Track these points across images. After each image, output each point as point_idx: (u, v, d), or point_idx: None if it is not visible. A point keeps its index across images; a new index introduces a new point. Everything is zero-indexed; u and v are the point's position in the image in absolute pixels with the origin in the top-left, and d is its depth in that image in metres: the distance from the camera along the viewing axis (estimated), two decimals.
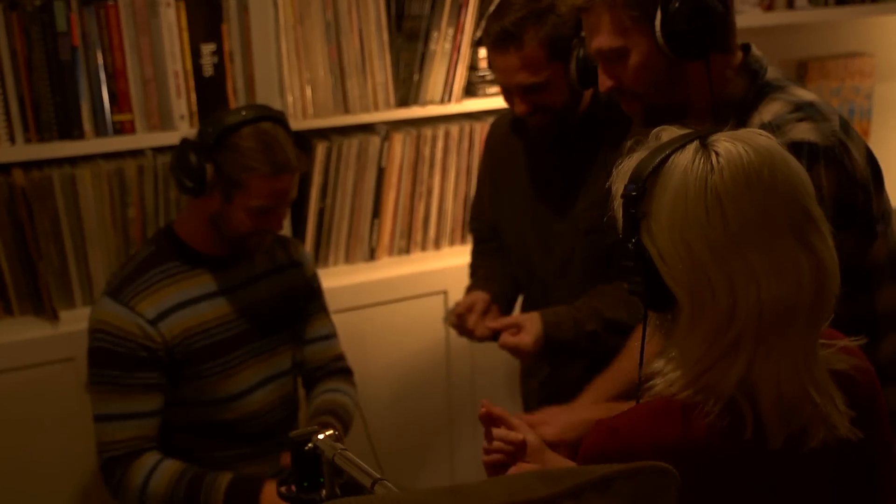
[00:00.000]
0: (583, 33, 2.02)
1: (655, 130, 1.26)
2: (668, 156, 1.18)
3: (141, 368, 2.02)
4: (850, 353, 1.25)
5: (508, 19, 1.99)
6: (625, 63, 1.64)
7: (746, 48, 1.71)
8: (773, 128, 1.55)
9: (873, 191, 1.61)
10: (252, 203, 2.01)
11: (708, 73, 1.61)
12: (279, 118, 2.08)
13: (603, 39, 1.64)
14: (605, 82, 1.70)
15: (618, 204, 1.23)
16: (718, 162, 1.15)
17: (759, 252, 1.14)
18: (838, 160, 1.55)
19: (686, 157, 1.17)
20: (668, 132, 1.24)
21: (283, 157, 2.01)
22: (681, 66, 1.63)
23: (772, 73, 1.68)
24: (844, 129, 1.60)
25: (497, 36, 2.01)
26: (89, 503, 2.47)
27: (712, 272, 1.14)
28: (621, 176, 1.24)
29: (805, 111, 1.59)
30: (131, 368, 2.02)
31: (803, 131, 1.55)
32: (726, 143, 1.17)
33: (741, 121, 1.61)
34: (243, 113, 2.03)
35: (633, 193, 1.19)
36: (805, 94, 1.64)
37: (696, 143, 1.18)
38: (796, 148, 1.51)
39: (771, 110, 1.61)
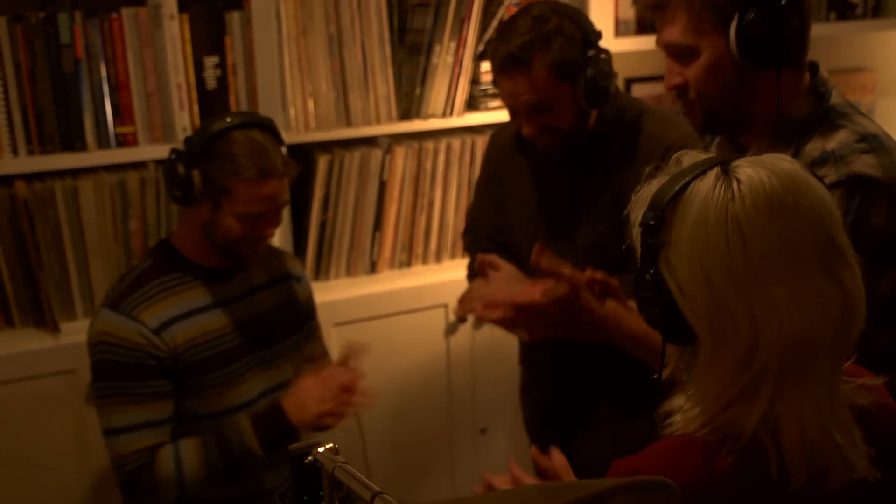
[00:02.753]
0: (591, 52, 2.02)
1: (676, 155, 1.22)
2: (688, 183, 1.14)
3: (152, 377, 2.01)
4: (871, 389, 1.21)
5: (515, 43, 1.97)
6: (693, 62, 1.63)
7: (814, 68, 1.69)
8: (836, 157, 1.55)
9: None
10: (240, 209, 2.00)
11: (777, 87, 1.59)
12: (266, 124, 2.06)
13: (675, 34, 1.62)
14: (670, 79, 1.68)
15: (636, 232, 1.18)
16: (740, 189, 1.11)
17: (782, 283, 1.10)
18: (895, 197, 1.52)
19: (706, 185, 1.13)
20: (690, 157, 1.20)
21: (268, 162, 1.99)
22: (749, 76, 1.61)
23: (836, 98, 1.66)
24: None
25: (504, 60, 2.00)
26: None
27: (733, 305, 1.10)
28: (640, 203, 1.19)
29: (870, 143, 1.57)
30: (143, 378, 2.00)
31: (866, 164, 1.53)
32: (748, 170, 1.12)
33: (800, 142, 1.61)
34: (228, 120, 2.02)
35: (652, 222, 1.14)
36: (869, 125, 1.62)
37: (716, 170, 1.13)
38: (856, 181, 1.51)
39: (836, 138, 1.59)
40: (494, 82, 2.14)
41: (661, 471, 1.13)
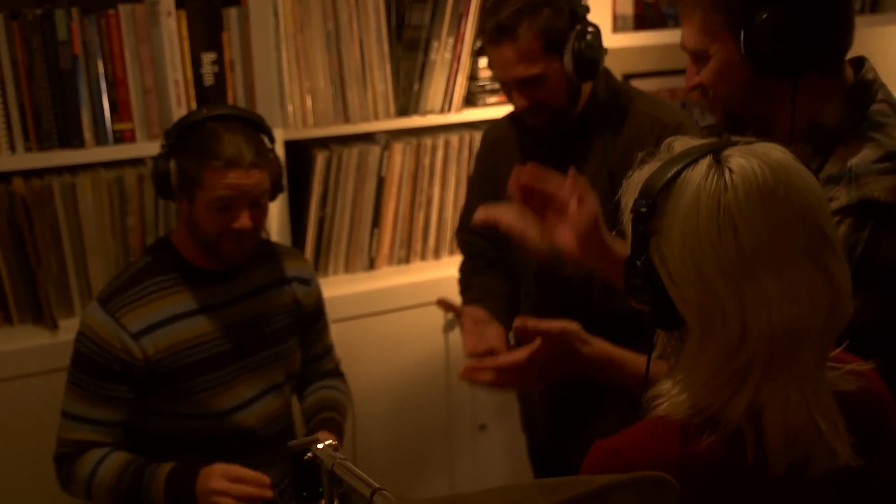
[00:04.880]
0: (578, 27, 2.03)
1: (668, 140, 1.21)
2: (680, 171, 1.14)
3: (111, 381, 2.02)
4: (859, 374, 1.21)
5: (504, 13, 2.01)
6: (706, 65, 1.55)
7: (859, 65, 1.57)
8: (851, 176, 1.44)
9: None
10: (207, 197, 1.98)
11: (793, 96, 1.48)
12: (245, 117, 2.07)
13: (688, 37, 1.56)
14: (690, 79, 1.60)
15: (627, 218, 1.18)
16: (732, 179, 1.11)
17: (772, 274, 1.10)
18: None
19: (699, 173, 1.13)
20: (681, 143, 1.20)
21: (233, 151, 1.97)
22: (766, 82, 1.51)
23: (878, 104, 1.52)
24: None
25: (493, 30, 2.03)
26: None
27: (723, 295, 1.11)
28: (631, 189, 1.19)
29: (894, 162, 1.44)
30: (101, 378, 2.02)
31: (881, 187, 1.41)
32: (740, 160, 1.12)
33: (828, 151, 1.50)
34: (204, 112, 2.04)
35: (643, 210, 1.14)
36: None
37: (709, 159, 1.14)
38: (866, 206, 1.41)
39: (859, 152, 1.46)
40: (488, 60, 2.15)
41: (640, 451, 1.15)
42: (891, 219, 1.41)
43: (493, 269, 2.32)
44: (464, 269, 2.39)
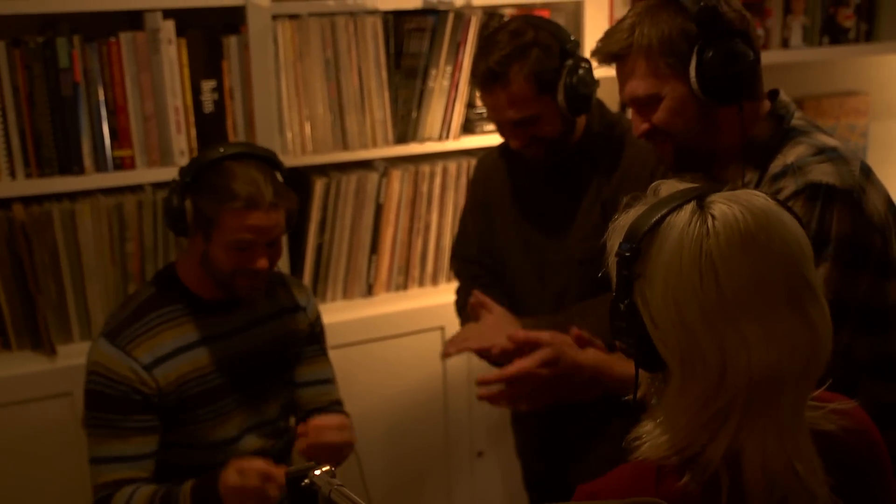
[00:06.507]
0: (570, 62, 2.04)
1: (654, 184, 1.24)
2: (665, 216, 1.16)
3: (135, 412, 2.00)
4: (842, 413, 1.22)
5: (493, 58, 2.01)
6: (657, 107, 1.70)
7: (774, 94, 1.76)
8: (794, 168, 1.61)
9: (893, 236, 1.64)
10: (226, 239, 1.98)
11: (741, 119, 1.67)
12: (261, 155, 2.05)
13: (638, 86, 1.70)
14: (639, 126, 1.75)
15: (612, 262, 1.20)
16: (714, 225, 1.13)
17: (752, 320, 1.12)
18: (855, 203, 1.58)
19: (682, 219, 1.14)
20: (667, 186, 1.21)
21: (253, 192, 1.95)
22: (712, 112, 1.69)
23: (797, 120, 1.73)
24: (865, 173, 1.64)
25: (483, 75, 2.04)
26: None
27: (704, 339, 1.12)
28: (617, 232, 1.21)
29: (827, 154, 1.63)
30: (126, 412, 2.00)
31: (823, 173, 1.59)
32: (723, 206, 1.14)
33: (765, 163, 1.68)
34: (221, 150, 2.01)
35: (627, 254, 1.16)
36: (829, 140, 1.68)
37: (692, 204, 1.15)
38: (814, 188, 1.57)
39: (794, 152, 1.66)
40: (483, 104, 2.16)
41: (619, 495, 1.15)
42: (836, 198, 1.57)
43: (489, 291, 2.32)
44: (461, 291, 2.39)
